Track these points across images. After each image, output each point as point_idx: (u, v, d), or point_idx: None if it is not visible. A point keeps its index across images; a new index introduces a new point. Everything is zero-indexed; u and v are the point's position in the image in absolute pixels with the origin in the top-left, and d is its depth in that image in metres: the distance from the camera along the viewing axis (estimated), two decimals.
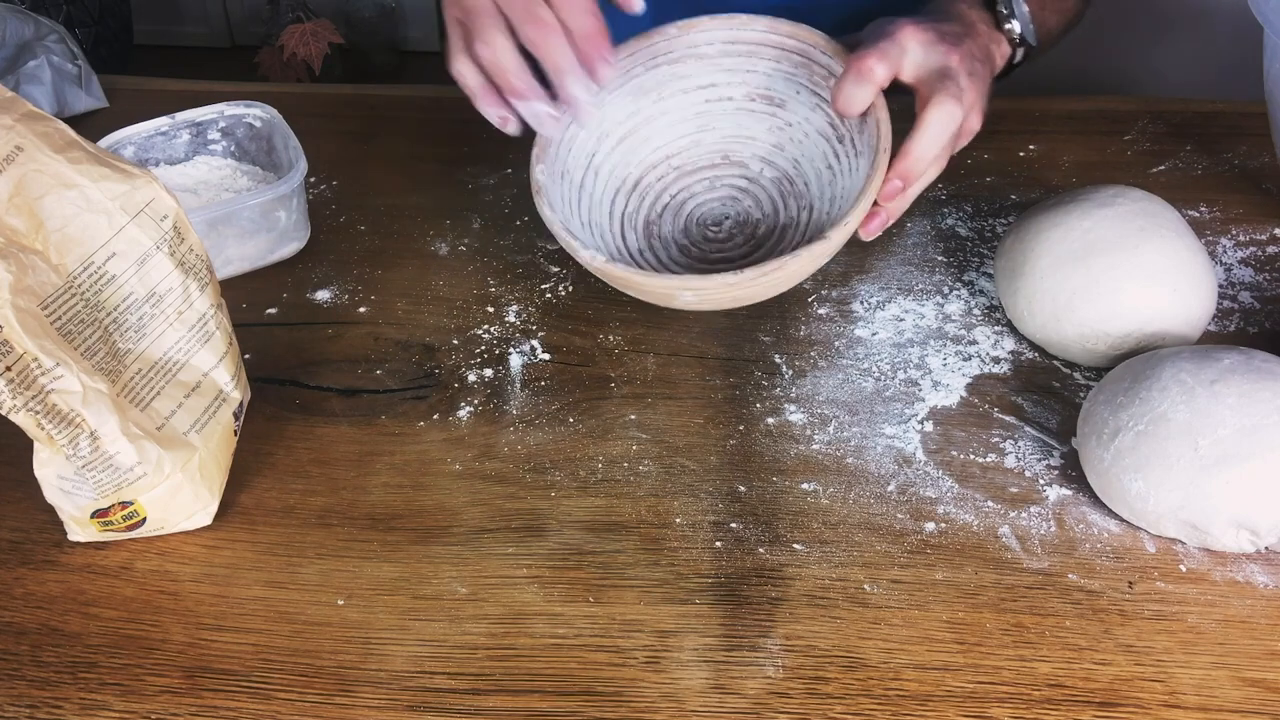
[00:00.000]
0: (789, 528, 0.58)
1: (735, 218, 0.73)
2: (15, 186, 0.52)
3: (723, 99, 0.73)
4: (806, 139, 0.71)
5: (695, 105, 0.73)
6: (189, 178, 0.80)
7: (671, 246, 0.73)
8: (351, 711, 0.51)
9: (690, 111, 0.74)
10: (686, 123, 0.74)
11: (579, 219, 0.70)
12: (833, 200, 0.69)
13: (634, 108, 0.73)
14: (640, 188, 0.74)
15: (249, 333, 0.71)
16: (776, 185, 0.73)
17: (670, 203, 0.74)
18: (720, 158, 0.74)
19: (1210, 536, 0.55)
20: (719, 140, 0.74)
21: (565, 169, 0.70)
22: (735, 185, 0.74)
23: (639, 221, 0.73)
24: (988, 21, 0.71)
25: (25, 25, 0.96)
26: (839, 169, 0.69)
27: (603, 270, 0.63)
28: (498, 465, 0.63)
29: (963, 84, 0.64)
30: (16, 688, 0.52)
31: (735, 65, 0.72)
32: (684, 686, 0.51)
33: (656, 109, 0.73)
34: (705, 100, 0.73)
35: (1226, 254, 0.76)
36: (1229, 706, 0.50)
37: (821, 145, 0.71)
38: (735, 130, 0.74)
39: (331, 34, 2.26)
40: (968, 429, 0.64)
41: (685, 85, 0.73)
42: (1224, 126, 0.89)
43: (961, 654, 0.52)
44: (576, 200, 0.70)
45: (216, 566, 0.58)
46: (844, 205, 0.66)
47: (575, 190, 0.71)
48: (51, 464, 0.54)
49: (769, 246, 0.72)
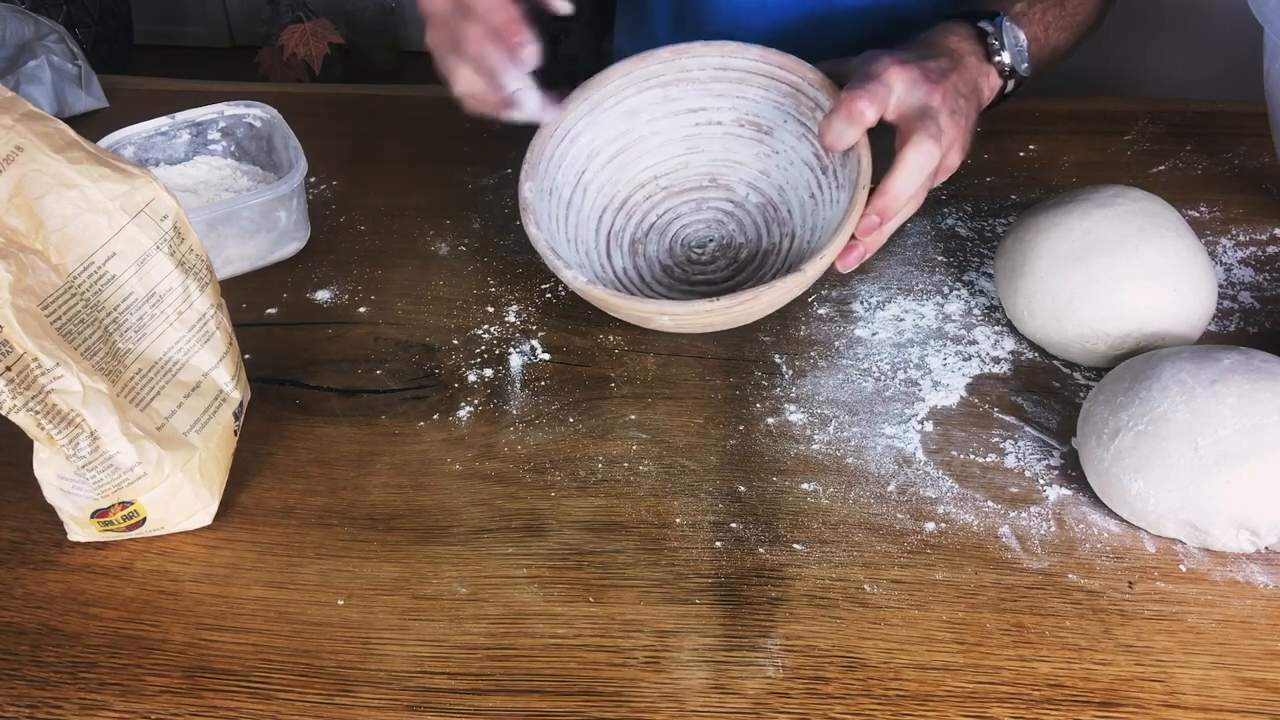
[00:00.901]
0: (789, 528, 0.58)
1: (719, 240, 0.74)
2: (15, 186, 0.52)
3: (712, 123, 0.74)
4: (792, 166, 0.72)
5: (685, 128, 0.75)
6: (189, 178, 0.80)
7: (655, 266, 0.74)
8: (351, 711, 0.51)
9: (680, 134, 0.75)
10: (676, 144, 0.75)
11: (565, 235, 0.71)
12: (814, 229, 0.70)
13: (626, 126, 0.74)
14: (628, 206, 0.75)
15: (249, 333, 0.71)
16: (761, 211, 0.74)
17: (656, 223, 0.75)
18: (708, 180, 0.75)
19: (1210, 536, 0.55)
20: (707, 163, 0.75)
21: (554, 185, 0.71)
22: (721, 209, 0.75)
23: (625, 240, 0.74)
24: (979, 54, 0.71)
25: (25, 25, 0.96)
26: (821, 199, 0.70)
27: (583, 291, 0.65)
28: (498, 465, 0.63)
29: (943, 123, 0.65)
30: (16, 688, 0.52)
31: (726, 91, 0.73)
32: (684, 686, 0.51)
33: (648, 129, 0.74)
34: (695, 124, 0.75)
35: (1226, 254, 0.76)
36: (1229, 706, 0.50)
37: (805, 174, 0.72)
38: (723, 154, 0.75)
39: (331, 34, 2.26)
40: (968, 429, 0.64)
41: (676, 108, 0.74)
42: (1224, 126, 0.89)
43: (961, 654, 0.52)
44: (564, 217, 0.72)
45: (216, 566, 0.58)
46: (824, 236, 0.68)
47: (563, 207, 0.72)
48: (51, 464, 0.54)
49: (750, 271, 0.73)
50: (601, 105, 0.73)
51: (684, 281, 0.73)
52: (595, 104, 0.72)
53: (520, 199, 0.68)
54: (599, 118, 0.73)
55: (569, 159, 0.72)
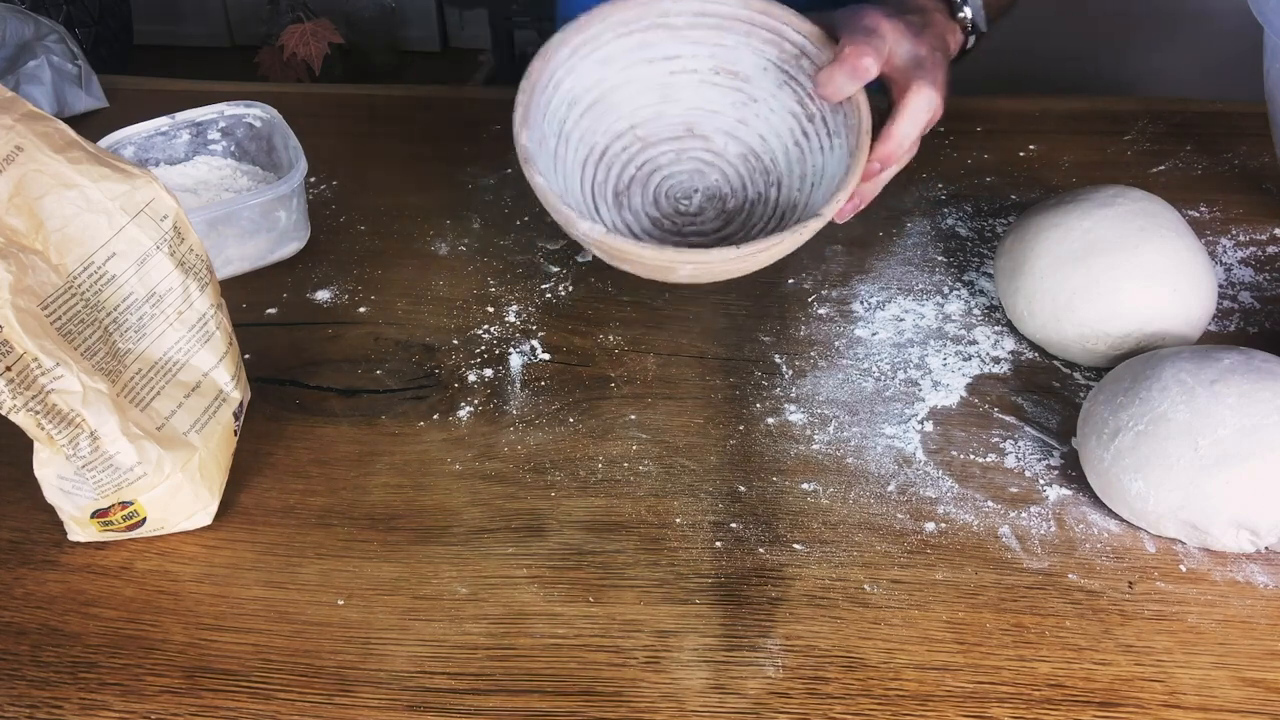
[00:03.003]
0: (789, 528, 0.58)
1: (705, 191, 0.74)
2: (15, 186, 0.52)
3: (687, 70, 0.73)
4: (773, 114, 0.72)
5: (659, 76, 0.73)
6: (189, 178, 0.80)
7: (643, 218, 0.73)
8: (351, 711, 0.51)
9: (654, 82, 0.73)
10: (650, 93, 0.74)
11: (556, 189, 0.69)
12: (803, 177, 0.70)
13: (600, 75, 0.72)
14: (607, 157, 0.74)
15: (249, 333, 0.71)
16: (743, 160, 0.74)
17: (637, 174, 0.74)
18: (684, 130, 0.74)
19: (1210, 536, 0.55)
20: (683, 112, 0.74)
21: (544, 135, 0.69)
22: (701, 159, 0.75)
23: (608, 193, 0.73)
24: (943, 11, 0.73)
25: (25, 25, 0.96)
26: (808, 147, 0.70)
27: (601, 243, 0.62)
28: (498, 465, 0.63)
29: (933, 73, 0.66)
30: (16, 688, 0.52)
31: (703, 38, 0.72)
32: (684, 686, 0.51)
33: (621, 78, 0.73)
34: (670, 72, 0.73)
35: (1226, 254, 0.76)
36: (1229, 706, 0.50)
37: (789, 122, 0.71)
38: (699, 103, 0.74)
39: (331, 34, 2.25)
40: (968, 429, 0.64)
41: (650, 55, 0.72)
42: (1224, 126, 0.89)
43: (961, 654, 0.52)
44: (552, 168, 0.70)
45: (216, 566, 0.57)
46: (816, 182, 0.68)
47: (550, 159, 0.70)
48: (51, 464, 0.54)
49: (740, 221, 0.72)
50: (580, 51, 0.71)
51: (675, 234, 0.73)
52: (574, 49, 0.70)
53: (519, 149, 0.65)
54: (578, 64, 0.71)
55: (552, 107, 0.70)
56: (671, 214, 0.73)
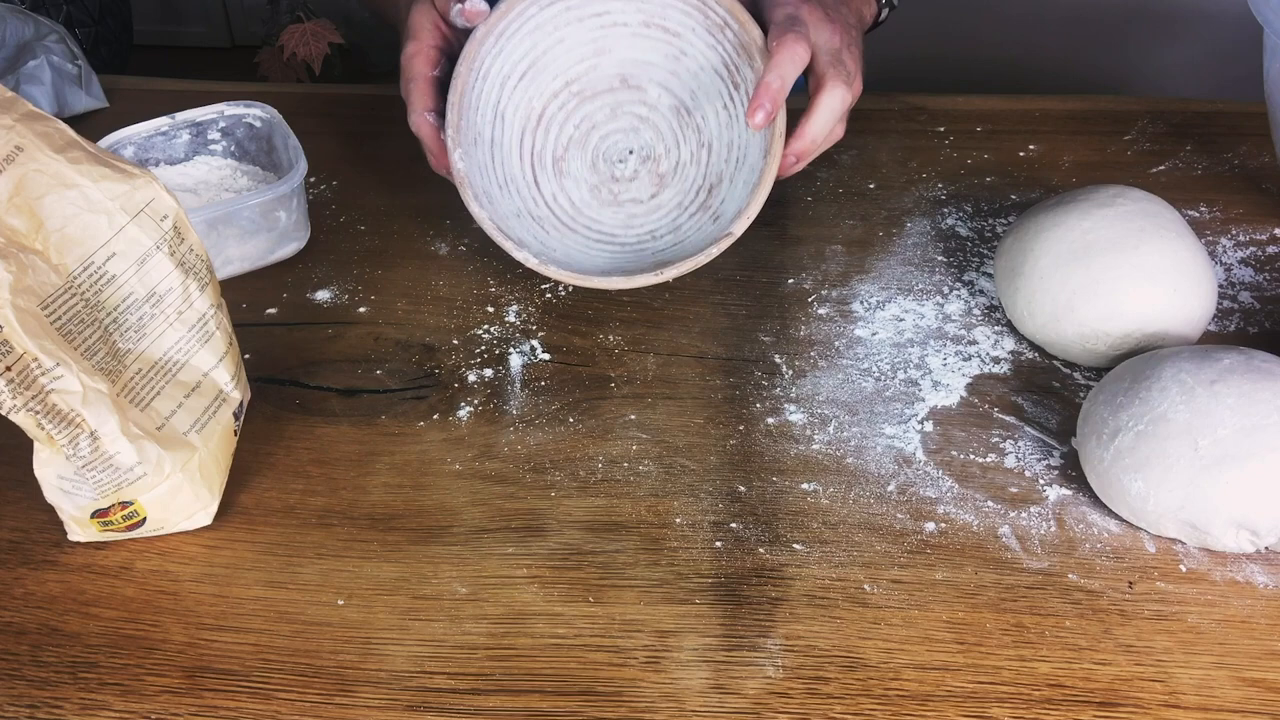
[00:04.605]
0: (789, 528, 0.58)
1: (639, 152, 0.76)
2: (15, 186, 0.52)
3: (618, 25, 0.74)
4: (702, 72, 0.73)
5: (590, 31, 0.75)
6: (189, 178, 0.80)
7: (583, 187, 0.76)
8: (351, 711, 0.51)
9: (586, 37, 0.75)
10: (583, 47, 0.75)
11: (496, 183, 0.73)
12: (729, 146, 0.73)
13: (530, 43, 0.74)
14: (545, 120, 0.76)
15: (249, 333, 0.71)
16: (675, 114, 0.75)
17: (574, 135, 0.76)
18: (618, 81, 0.76)
19: (1210, 536, 0.55)
20: (616, 64, 0.75)
21: (477, 134, 0.72)
22: (635, 113, 0.76)
23: (548, 159, 0.76)
24: None
25: (25, 25, 0.96)
26: (735, 114, 0.72)
27: (538, 270, 0.69)
28: (498, 465, 0.63)
29: (848, 64, 0.69)
30: (16, 688, 0.52)
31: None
32: (684, 686, 0.51)
33: (553, 39, 0.74)
34: (601, 26, 0.74)
35: (1226, 254, 0.76)
36: (1229, 706, 0.50)
37: (717, 83, 0.73)
38: (632, 53, 0.75)
39: (331, 34, 2.25)
40: (968, 429, 0.64)
41: (581, 13, 0.74)
42: (1224, 126, 0.89)
43: (961, 654, 0.52)
44: (490, 163, 0.73)
45: (216, 566, 0.58)
46: (740, 158, 0.72)
47: (488, 150, 0.73)
48: (51, 464, 0.54)
49: (676, 186, 0.75)
50: (505, 33, 0.72)
51: (611, 203, 0.75)
52: (500, 33, 0.72)
53: (454, 173, 0.69)
54: (505, 45, 0.73)
55: (483, 96, 0.72)
56: (608, 180, 0.76)
